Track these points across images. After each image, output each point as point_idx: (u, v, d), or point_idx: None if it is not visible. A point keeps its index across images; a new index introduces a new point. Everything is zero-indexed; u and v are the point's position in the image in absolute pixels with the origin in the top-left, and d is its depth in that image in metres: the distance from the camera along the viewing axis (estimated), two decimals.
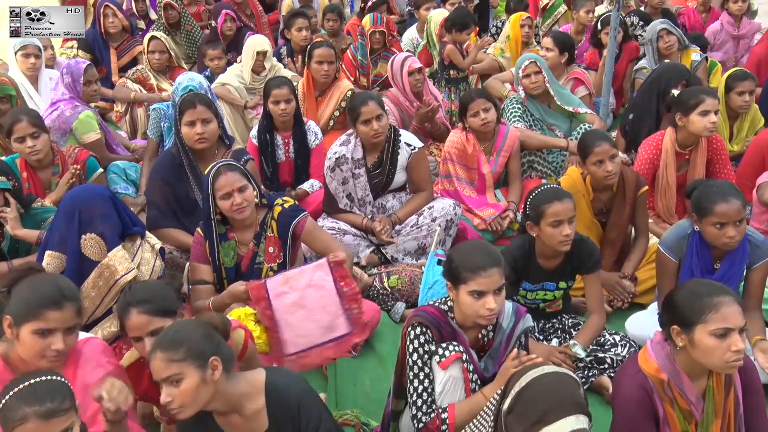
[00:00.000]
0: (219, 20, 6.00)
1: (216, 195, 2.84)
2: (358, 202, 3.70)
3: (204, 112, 3.38)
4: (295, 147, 4.10)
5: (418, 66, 4.55)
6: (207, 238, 2.90)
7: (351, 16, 7.42)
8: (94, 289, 2.68)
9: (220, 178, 2.83)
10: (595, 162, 3.25)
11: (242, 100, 4.94)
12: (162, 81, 5.47)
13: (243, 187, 2.84)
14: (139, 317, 2.17)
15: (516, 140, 4.08)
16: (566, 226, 2.71)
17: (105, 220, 2.70)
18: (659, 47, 5.04)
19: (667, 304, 2.12)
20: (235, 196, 2.82)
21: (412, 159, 3.71)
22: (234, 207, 2.82)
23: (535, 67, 4.34)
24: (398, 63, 4.56)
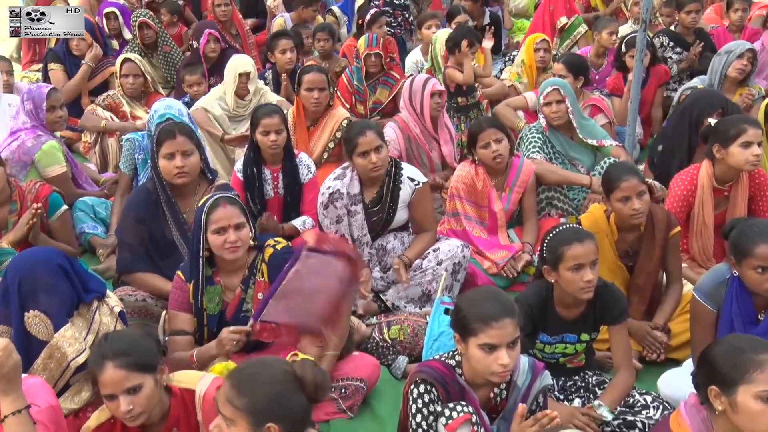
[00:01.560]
0: (201, 41, 6.12)
1: (209, 228, 2.88)
2: (354, 243, 3.74)
3: (184, 144, 3.44)
4: (285, 182, 4.15)
5: (441, 89, 4.67)
6: (191, 280, 2.94)
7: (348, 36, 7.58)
8: (45, 371, 2.66)
9: (218, 210, 2.89)
10: (621, 198, 3.29)
11: (220, 131, 5.01)
12: (136, 108, 5.55)
13: (240, 225, 2.89)
14: (116, 372, 2.19)
15: (531, 174, 4.15)
16: (588, 271, 2.74)
17: (51, 294, 2.68)
18: (729, 71, 5.01)
19: (703, 360, 2.11)
20: (230, 233, 2.87)
21: (415, 195, 3.77)
22: (227, 245, 2.86)
23: (557, 95, 4.43)
24: (420, 82, 4.67)
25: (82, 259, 4.12)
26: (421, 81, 4.68)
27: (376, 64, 5.74)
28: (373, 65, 5.73)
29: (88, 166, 5.24)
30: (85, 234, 4.36)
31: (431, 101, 4.61)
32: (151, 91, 5.68)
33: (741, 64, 5.02)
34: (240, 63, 5.19)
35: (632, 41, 5.23)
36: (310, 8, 7.29)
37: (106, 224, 4.45)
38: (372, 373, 3.08)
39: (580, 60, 5.20)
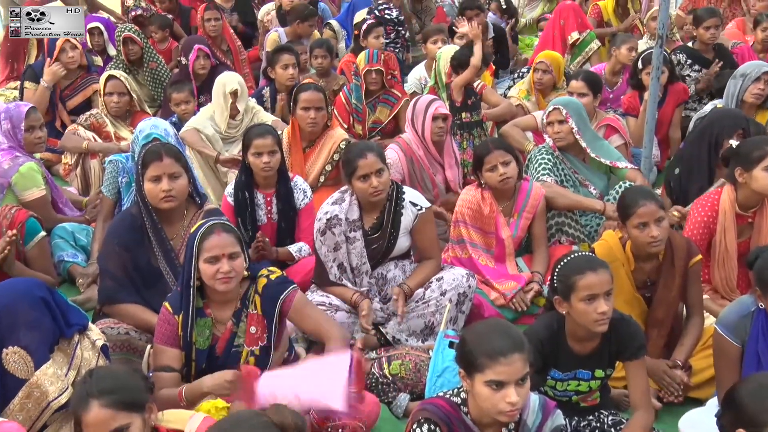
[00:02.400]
0: (191, 57, 6.19)
1: (200, 256, 2.90)
2: (352, 272, 3.76)
3: (172, 166, 3.46)
4: (279, 207, 4.18)
5: (445, 112, 4.70)
6: (180, 311, 2.94)
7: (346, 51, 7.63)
8: (22, 412, 2.64)
9: (212, 237, 2.90)
10: (638, 225, 3.30)
11: (214, 152, 5.05)
12: (120, 128, 5.59)
13: (234, 254, 2.91)
14: (102, 412, 2.19)
15: (541, 199, 4.18)
16: (602, 302, 2.75)
17: (32, 329, 2.67)
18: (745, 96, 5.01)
19: (728, 400, 2.12)
20: (223, 263, 2.88)
21: (418, 221, 3.79)
22: (219, 275, 2.88)
23: (559, 115, 4.48)
24: (423, 104, 4.72)
25: (60, 290, 4.14)
26: (424, 103, 4.72)
27: (376, 81, 5.77)
28: (373, 82, 5.76)
29: (68, 189, 5.27)
30: (65, 262, 4.38)
31: (433, 125, 4.64)
32: (136, 109, 5.71)
33: (758, 88, 5.02)
34: (227, 80, 5.24)
35: (649, 58, 5.25)
36: (307, 23, 7.33)
37: (87, 252, 4.47)
38: (371, 411, 3.07)
39: (598, 78, 5.27)
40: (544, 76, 5.81)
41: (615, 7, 7.95)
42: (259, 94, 6.06)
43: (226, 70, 6.43)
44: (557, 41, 7.22)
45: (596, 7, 8.08)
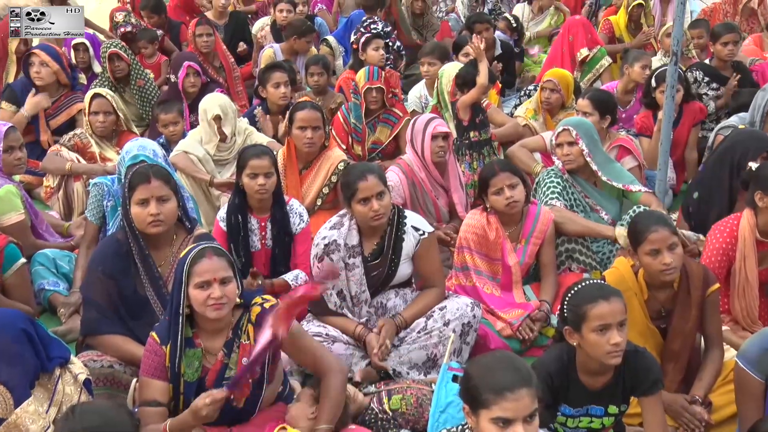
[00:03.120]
0: (180, 74, 6.24)
1: (191, 282, 2.91)
2: (351, 300, 3.78)
3: (160, 188, 3.49)
4: (274, 232, 4.20)
5: (444, 131, 4.73)
6: (168, 341, 2.94)
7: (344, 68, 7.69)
8: None
9: (203, 261, 2.92)
10: (650, 252, 3.31)
11: (207, 175, 5.09)
12: (106, 149, 5.61)
13: (227, 279, 2.92)
14: None
15: (550, 224, 4.20)
16: (615, 333, 2.76)
17: (13, 363, 2.67)
18: None
19: None
20: (214, 288, 2.89)
21: (420, 247, 3.81)
22: (210, 301, 2.88)
23: (568, 137, 4.51)
24: (421, 123, 4.76)
25: (40, 320, 4.14)
26: (422, 122, 4.77)
27: (376, 99, 5.80)
28: (373, 101, 5.80)
29: (50, 214, 5.27)
30: (45, 291, 4.37)
31: (433, 144, 4.68)
32: (123, 129, 5.71)
33: None
34: (209, 105, 5.30)
35: (663, 75, 5.29)
36: (304, 39, 7.38)
37: (69, 280, 4.47)
38: None
39: (608, 97, 5.27)
40: (552, 95, 5.83)
41: (627, 22, 8.01)
42: (251, 114, 6.08)
43: (218, 87, 6.53)
44: (566, 58, 7.26)
45: (607, 22, 8.14)
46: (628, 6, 7.98)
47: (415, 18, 8.90)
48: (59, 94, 6.27)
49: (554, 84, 5.82)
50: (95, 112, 5.54)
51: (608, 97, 5.24)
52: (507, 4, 9.94)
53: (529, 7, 8.96)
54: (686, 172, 5.84)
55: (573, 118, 4.81)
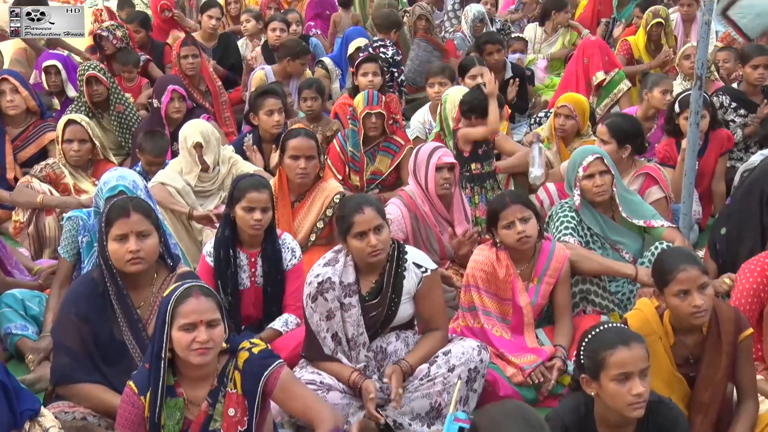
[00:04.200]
0: (164, 99, 6.28)
1: (175, 323, 2.91)
2: (348, 344, 3.77)
3: (140, 223, 3.50)
4: (265, 269, 4.21)
5: (450, 161, 4.75)
6: (147, 391, 2.93)
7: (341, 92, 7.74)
8: None
9: (189, 301, 2.92)
10: (678, 293, 3.31)
11: (186, 207, 5.10)
12: (81, 179, 5.63)
13: (214, 322, 2.93)
14: None
15: (565, 261, 4.19)
16: (637, 382, 2.75)
17: None
18: None
19: None
20: (200, 331, 2.89)
21: (422, 286, 3.81)
22: (195, 345, 2.89)
23: (601, 165, 4.51)
24: (425, 153, 4.79)
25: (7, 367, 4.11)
26: (426, 151, 4.80)
27: (376, 126, 5.84)
28: (372, 128, 5.84)
29: (19, 251, 5.26)
30: (12, 336, 4.35)
31: (437, 176, 4.70)
32: (99, 158, 5.75)
33: None
34: (188, 133, 5.33)
35: (687, 100, 5.26)
36: (299, 60, 7.41)
37: (39, 323, 4.45)
38: None
39: (629, 124, 5.20)
40: (566, 121, 5.85)
41: (646, 42, 8.07)
42: (240, 142, 6.11)
43: (204, 113, 6.56)
44: (581, 82, 7.27)
45: (625, 43, 8.19)
46: (647, 25, 8.03)
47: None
48: (28, 122, 6.29)
49: (569, 110, 5.84)
50: (69, 140, 5.57)
51: (630, 124, 5.19)
52: (517, 24, 10.06)
53: (542, 28, 9.04)
54: (713, 205, 5.86)
55: (589, 147, 4.81)
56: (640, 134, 5.21)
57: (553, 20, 8.96)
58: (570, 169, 4.65)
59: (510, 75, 7.59)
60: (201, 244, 4.98)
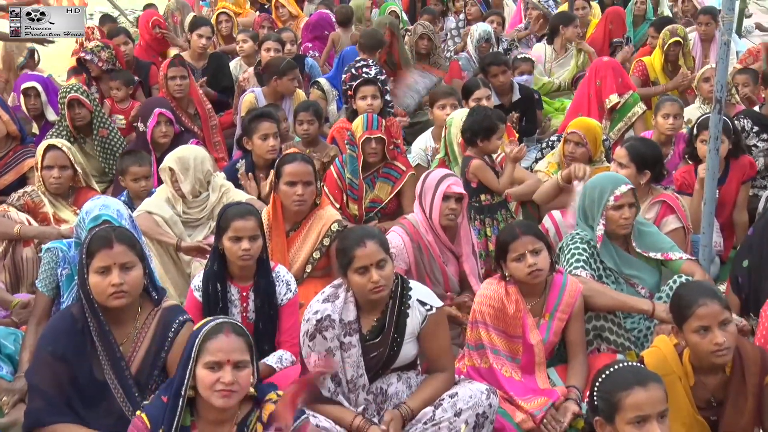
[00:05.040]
0: (150, 122, 6.31)
1: (200, 360, 2.93)
2: (347, 386, 3.76)
3: (124, 254, 3.51)
4: (257, 304, 4.21)
5: (459, 191, 4.76)
6: (161, 427, 2.93)
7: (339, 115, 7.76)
8: None
9: (218, 338, 2.96)
10: (698, 330, 3.32)
11: (173, 238, 5.11)
12: (61, 208, 5.63)
13: (242, 364, 2.97)
14: None
15: (578, 296, 4.19)
16: (655, 426, 2.75)
17: None
18: None
19: None
20: (226, 371, 2.93)
21: (427, 324, 3.81)
22: (219, 386, 2.92)
23: (631, 197, 4.50)
24: (434, 179, 4.82)
25: None
26: (435, 178, 4.82)
27: (376, 151, 5.87)
28: (372, 153, 5.86)
29: None
30: None
31: (443, 205, 4.72)
32: (81, 186, 5.75)
33: None
34: (168, 157, 5.37)
35: (706, 123, 5.26)
36: (286, 77, 7.38)
37: (15, 362, 4.44)
38: None
39: (651, 149, 5.21)
40: (576, 149, 5.83)
41: (663, 63, 8.09)
42: (233, 168, 6.13)
43: (193, 137, 6.58)
44: (593, 105, 7.28)
45: (640, 64, 8.23)
46: (664, 45, 8.06)
47: (421, 59, 9.03)
48: (8, 148, 6.32)
49: (579, 136, 5.82)
50: (49, 167, 5.58)
51: (651, 149, 5.21)
52: (525, 43, 10.12)
53: (551, 47, 9.07)
54: (735, 236, 5.85)
55: (616, 175, 4.77)
56: (660, 160, 5.23)
57: (561, 36, 8.98)
58: (593, 196, 4.59)
59: (518, 97, 7.61)
60: (190, 278, 4.98)
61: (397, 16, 10.36)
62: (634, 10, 10.18)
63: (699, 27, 8.77)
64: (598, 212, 4.54)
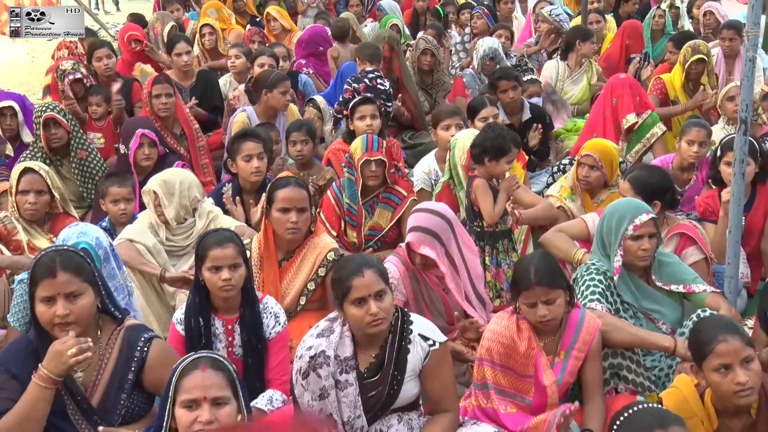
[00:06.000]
0: (132, 144, 6.33)
1: (177, 399, 2.94)
2: (343, 428, 3.75)
3: (69, 283, 3.52)
4: (244, 338, 4.21)
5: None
6: None
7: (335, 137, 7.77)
8: None
9: (193, 375, 2.99)
10: (718, 368, 3.32)
11: (157, 268, 5.12)
12: (37, 236, 5.63)
13: (221, 400, 2.97)
14: None
15: (596, 333, 4.16)
16: None
17: None
18: None
19: None
20: (203, 410, 2.93)
21: (430, 361, 3.81)
22: (196, 426, 2.93)
23: (653, 227, 4.49)
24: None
25: None
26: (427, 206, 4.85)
27: (376, 175, 5.87)
28: (372, 177, 5.87)
29: None
30: None
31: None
32: (58, 212, 5.76)
33: None
34: (151, 180, 5.39)
35: (730, 145, 5.29)
36: (277, 90, 7.35)
37: None
38: None
39: (656, 177, 5.22)
40: (591, 173, 5.81)
41: (684, 81, 8.07)
42: (218, 192, 6.14)
43: (179, 159, 6.58)
44: (609, 125, 7.29)
45: (659, 82, 8.20)
46: (685, 62, 8.03)
47: (423, 76, 9.07)
48: None
49: (594, 159, 5.80)
50: (24, 191, 5.59)
51: (656, 177, 5.22)
52: (535, 58, 10.14)
53: (563, 63, 9.06)
54: (763, 267, 5.85)
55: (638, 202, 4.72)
56: (669, 187, 5.21)
57: (577, 52, 8.96)
58: (611, 224, 4.57)
59: (528, 116, 7.56)
60: (174, 310, 4.97)
61: (399, 31, 10.42)
62: (652, 24, 10.18)
63: (722, 42, 8.76)
64: (615, 242, 4.52)
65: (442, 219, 4.73)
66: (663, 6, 10.55)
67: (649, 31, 10.16)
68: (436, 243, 4.66)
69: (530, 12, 11.45)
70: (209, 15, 11.13)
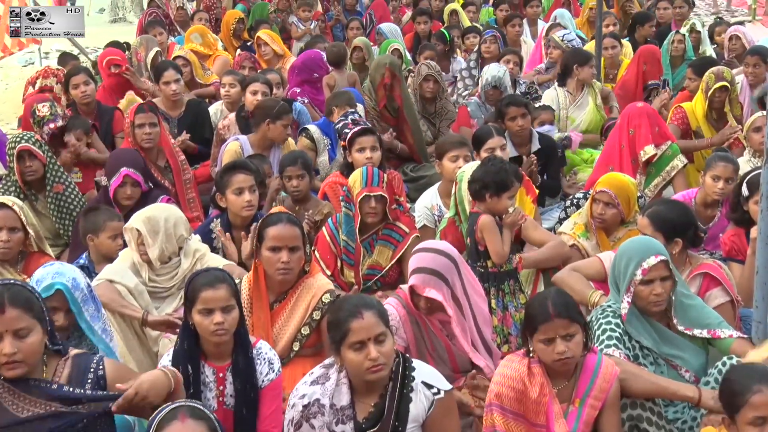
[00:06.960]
0: (114, 181, 6.32)
1: None
2: None
3: (17, 320, 3.52)
4: (237, 386, 4.19)
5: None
6: None
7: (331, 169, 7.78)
8: None
9: (173, 426, 3.00)
10: (755, 421, 3.34)
11: (139, 311, 5.11)
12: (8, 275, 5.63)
13: None
14: None
15: (614, 380, 4.14)
16: None
17: None
18: None
19: None
20: None
21: (434, 412, 3.81)
22: None
23: (664, 270, 4.47)
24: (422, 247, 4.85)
25: None
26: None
27: (376, 211, 5.87)
28: (371, 213, 5.86)
29: None
30: None
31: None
32: (32, 250, 5.77)
33: None
34: (134, 217, 5.41)
35: (756, 181, 5.21)
36: (280, 122, 7.39)
37: None
38: None
39: (677, 213, 5.20)
40: (606, 210, 5.79)
41: (707, 110, 8.05)
42: (206, 229, 6.15)
43: (163, 194, 6.58)
44: (625, 157, 7.28)
45: (680, 111, 8.17)
46: (707, 90, 8.01)
47: (426, 103, 9.08)
48: None
49: (610, 196, 5.77)
50: None
51: (677, 213, 5.19)
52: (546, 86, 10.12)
53: (563, 90, 9.04)
54: None
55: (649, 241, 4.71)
56: (692, 224, 5.18)
57: (575, 77, 8.94)
58: (620, 266, 4.57)
59: (537, 147, 7.53)
60: (157, 357, 4.96)
61: (400, 56, 10.46)
62: (671, 50, 10.22)
63: (746, 69, 8.78)
64: (623, 286, 4.52)
65: (447, 258, 4.73)
66: (683, 30, 10.55)
67: (668, 57, 10.19)
68: (443, 285, 4.65)
69: (541, 36, 11.44)
70: (193, 40, 11.19)
